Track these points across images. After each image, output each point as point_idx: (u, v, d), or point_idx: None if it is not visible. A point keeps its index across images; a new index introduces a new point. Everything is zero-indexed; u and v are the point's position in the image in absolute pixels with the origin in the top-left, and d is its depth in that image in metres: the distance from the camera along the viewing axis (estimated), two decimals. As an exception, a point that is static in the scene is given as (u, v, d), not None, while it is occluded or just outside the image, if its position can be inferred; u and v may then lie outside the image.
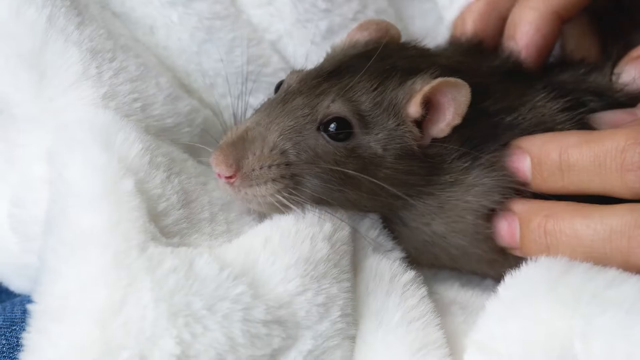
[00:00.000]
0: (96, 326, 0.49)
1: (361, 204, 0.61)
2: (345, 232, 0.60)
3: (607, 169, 0.57)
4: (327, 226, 0.58)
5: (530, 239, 0.60)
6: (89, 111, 0.59)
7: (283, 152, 0.59)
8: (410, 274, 0.60)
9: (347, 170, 0.59)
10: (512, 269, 0.58)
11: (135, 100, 0.62)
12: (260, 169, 0.59)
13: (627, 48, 0.69)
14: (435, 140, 0.61)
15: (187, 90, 0.70)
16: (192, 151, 0.65)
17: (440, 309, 0.60)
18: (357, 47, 0.67)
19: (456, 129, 0.61)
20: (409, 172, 0.61)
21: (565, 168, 0.59)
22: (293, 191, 0.59)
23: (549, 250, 0.59)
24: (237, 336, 0.51)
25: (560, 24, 0.67)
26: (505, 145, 0.62)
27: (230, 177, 0.59)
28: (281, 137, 0.59)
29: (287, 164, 0.59)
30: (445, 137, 0.61)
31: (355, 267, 0.60)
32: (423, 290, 0.60)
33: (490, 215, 0.63)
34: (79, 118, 0.58)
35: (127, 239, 0.51)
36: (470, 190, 0.62)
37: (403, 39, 0.71)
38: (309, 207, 0.59)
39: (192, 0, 0.68)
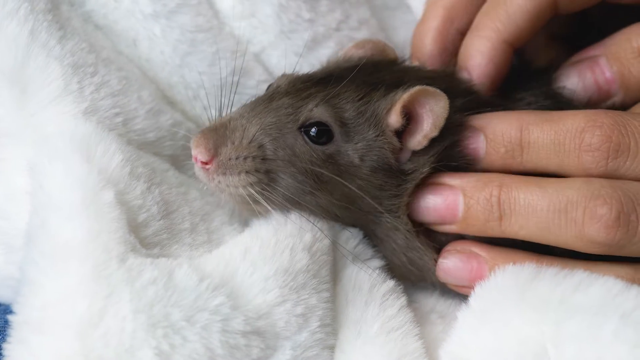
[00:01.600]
0: (76, 337, 0.49)
1: (332, 212, 0.61)
2: (325, 242, 0.60)
3: (566, 148, 0.58)
4: (307, 236, 0.59)
5: (477, 209, 0.60)
6: (70, 123, 0.59)
7: (260, 146, 0.60)
8: (390, 283, 0.61)
9: (321, 172, 0.59)
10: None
11: (116, 114, 0.62)
12: (236, 159, 0.59)
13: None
14: (414, 153, 0.62)
15: (170, 102, 0.70)
16: (176, 161, 0.65)
17: (420, 318, 0.61)
18: (350, 61, 0.68)
19: (432, 141, 0.61)
20: (382, 187, 0.61)
21: (525, 145, 0.60)
22: (266, 187, 0.59)
23: (501, 221, 0.59)
24: (216, 347, 0.51)
25: (511, 53, 0.67)
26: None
27: (206, 163, 0.59)
28: (261, 131, 0.60)
29: (263, 159, 0.60)
30: (422, 151, 0.61)
31: (335, 276, 0.60)
32: (402, 300, 0.60)
33: None
34: (60, 130, 0.58)
35: (106, 250, 0.52)
36: None
37: (396, 54, 0.71)
38: (283, 209, 0.60)
39: (174, 13, 0.68)
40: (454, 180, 0.61)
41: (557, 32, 0.74)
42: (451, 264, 0.62)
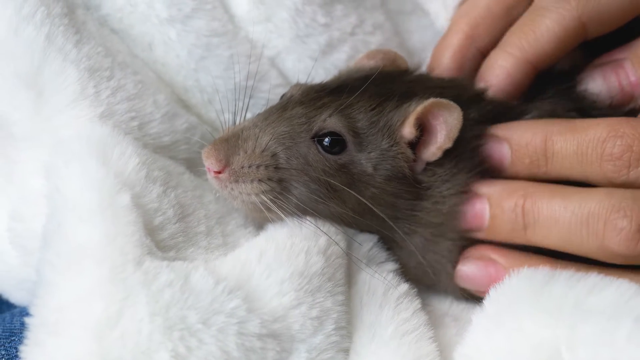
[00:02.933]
0: (92, 339, 0.49)
1: (346, 221, 0.62)
2: (340, 245, 0.60)
3: (588, 158, 0.59)
4: (322, 240, 0.59)
5: (502, 219, 0.61)
6: (86, 126, 0.60)
7: (274, 155, 0.60)
8: (404, 286, 0.61)
9: (334, 182, 0.60)
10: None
11: (132, 118, 0.63)
12: (249, 167, 0.60)
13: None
14: (428, 164, 0.62)
15: (186, 105, 0.70)
16: (191, 164, 0.66)
17: (434, 321, 0.61)
18: (362, 71, 0.68)
19: (446, 152, 0.61)
20: (397, 195, 0.61)
21: (549, 155, 0.60)
22: (279, 195, 0.60)
23: (526, 230, 0.60)
24: (232, 350, 0.51)
25: (533, 74, 0.67)
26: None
27: (218, 172, 0.60)
28: (274, 140, 0.60)
29: (276, 167, 0.60)
30: (437, 161, 0.62)
31: (349, 279, 0.61)
32: (416, 303, 0.61)
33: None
34: (76, 133, 0.59)
35: (123, 253, 0.52)
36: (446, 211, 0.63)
37: (408, 64, 0.72)
38: (297, 216, 0.60)
39: (190, 17, 0.69)
40: (481, 188, 0.62)
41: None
42: (469, 271, 0.62)
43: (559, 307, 0.53)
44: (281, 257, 0.57)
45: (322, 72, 0.71)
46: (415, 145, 0.62)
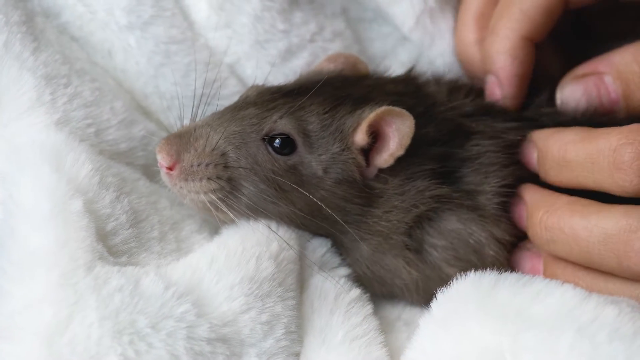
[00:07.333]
0: (43, 344, 0.50)
1: (296, 221, 0.62)
2: (292, 251, 0.61)
3: (600, 166, 0.58)
4: (274, 245, 0.60)
5: (533, 231, 0.62)
6: (41, 133, 0.60)
7: (223, 154, 0.61)
8: (356, 292, 0.62)
9: (283, 180, 0.60)
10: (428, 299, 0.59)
11: (89, 125, 0.63)
12: (198, 165, 0.60)
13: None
14: (381, 171, 0.62)
15: (146, 112, 0.70)
16: (148, 171, 0.66)
17: (386, 326, 0.62)
18: (321, 74, 0.68)
19: (400, 161, 0.62)
20: (346, 199, 0.62)
21: (563, 163, 0.61)
22: (228, 194, 0.60)
23: (549, 245, 0.60)
24: (181, 354, 0.52)
25: (533, 48, 0.68)
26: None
27: (170, 169, 0.60)
28: (224, 139, 0.61)
29: (225, 166, 0.61)
30: (391, 170, 0.62)
31: (301, 284, 0.61)
32: (368, 308, 0.61)
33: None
34: (30, 140, 0.59)
35: (74, 259, 0.52)
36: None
37: (368, 69, 0.72)
38: (246, 216, 0.61)
39: (149, 24, 0.69)
40: (526, 193, 0.63)
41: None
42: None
43: (504, 314, 0.53)
44: (232, 262, 0.57)
45: (281, 78, 0.71)
46: (369, 151, 0.62)
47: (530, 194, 0.63)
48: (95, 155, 0.60)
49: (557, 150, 0.61)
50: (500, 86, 0.69)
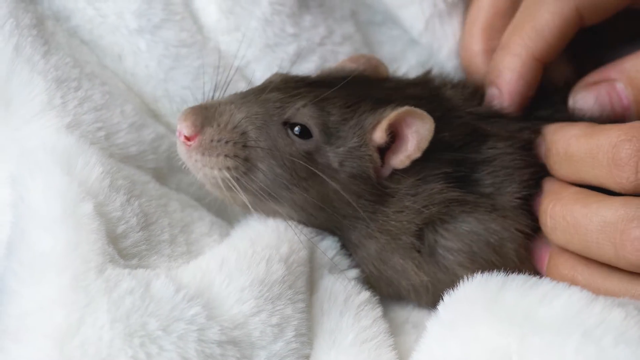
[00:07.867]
0: (54, 347, 0.50)
1: (307, 210, 0.62)
2: (302, 253, 0.61)
3: (599, 162, 0.59)
4: (284, 248, 0.60)
5: (541, 219, 0.63)
6: (52, 136, 0.60)
7: (243, 133, 0.61)
8: (365, 294, 0.62)
9: (301, 165, 0.60)
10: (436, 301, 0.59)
11: (99, 129, 0.63)
12: (218, 141, 0.60)
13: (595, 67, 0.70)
14: (395, 171, 0.63)
15: (155, 115, 0.71)
16: (158, 174, 0.66)
17: (395, 329, 0.62)
18: (343, 71, 0.69)
19: (415, 163, 0.62)
20: (359, 194, 0.62)
21: (566, 158, 0.62)
22: (243, 174, 0.60)
23: (552, 234, 0.61)
24: (192, 356, 0.52)
25: (541, 69, 0.68)
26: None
27: (188, 139, 0.60)
28: (247, 119, 0.61)
29: (244, 145, 0.61)
30: (405, 171, 0.62)
31: (311, 287, 0.61)
32: (378, 311, 0.61)
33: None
34: (41, 143, 0.59)
35: (85, 261, 0.52)
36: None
37: (389, 72, 0.72)
38: (258, 198, 0.61)
39: (159, 28, 0.69)
40: (545, 184, 0.64)
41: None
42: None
43: (511, 316, 0.53)
44: (242, 265, 0.57)
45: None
46: (385, 150, 0.63)
47: (547, 186, 0.64)
48: (105, 159, 0.60)
49: (561, 144, 0.62)
50: (501, 100, 0.69)
